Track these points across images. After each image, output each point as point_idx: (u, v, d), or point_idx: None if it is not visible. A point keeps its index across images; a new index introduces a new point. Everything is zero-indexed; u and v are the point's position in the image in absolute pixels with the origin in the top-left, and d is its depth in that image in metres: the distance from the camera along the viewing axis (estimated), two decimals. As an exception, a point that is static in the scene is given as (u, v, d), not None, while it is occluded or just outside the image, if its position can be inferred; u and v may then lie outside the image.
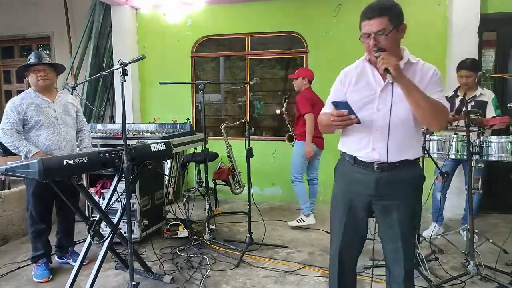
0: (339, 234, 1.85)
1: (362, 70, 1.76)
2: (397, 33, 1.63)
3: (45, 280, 2.78)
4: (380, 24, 1.59)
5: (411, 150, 1.72)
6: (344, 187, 1.86)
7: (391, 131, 1.65)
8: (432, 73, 1.66)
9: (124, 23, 5.26)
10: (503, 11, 4.19)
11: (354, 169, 1.78)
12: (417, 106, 1.58)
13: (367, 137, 1.72)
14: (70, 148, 2.91)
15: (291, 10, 4.83)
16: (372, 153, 1.70)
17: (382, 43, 1.61)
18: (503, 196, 4.24)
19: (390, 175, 1.69)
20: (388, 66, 1.54)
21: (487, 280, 2.64)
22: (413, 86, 1.57)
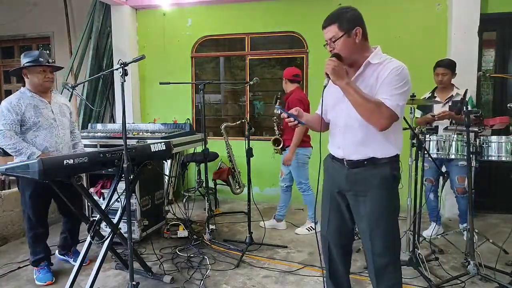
0: (324, 226, 2.01)
1: None
2: (349, 38, 1.72)
3: (48, 283, 2.76)
4: (331, 32, 1.74)
5: (378, 148, 1.77)
6: (326, 180, 2.02)
7: (349, 130, 1.79)
8: (389, 71, 1.68)
9: (124, 23, 5.26)
10: (503, 11, 4.19)
11: (332, 164, 1.94)
12: (354, 105, 1.68)
13: (335, 136, 1.89)
14: (67, 150, 2.89)
15: (291, 10, 4.83)
16: (338, 150, 1.87)
17: (335, 49, 1.74)
18: (503, 196, 4.24)
19: (357, 172, 1.80)
20: (325, 71, 1.68)
21: (487, 280, 2.64)
22: (350, 87, 1.66)
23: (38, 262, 2.83)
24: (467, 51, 3.91)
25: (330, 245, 2.00)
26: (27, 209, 2.77)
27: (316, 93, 5.11)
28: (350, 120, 1.77)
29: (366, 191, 1.79)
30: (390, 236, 1.81)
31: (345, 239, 2.01)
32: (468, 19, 4.12)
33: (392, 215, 1.82)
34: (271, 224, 3.93)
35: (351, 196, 1.86)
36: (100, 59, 5.58)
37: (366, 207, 1.79)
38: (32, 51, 2.80)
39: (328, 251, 2.01)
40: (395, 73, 1.67)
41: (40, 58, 2.69)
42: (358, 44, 1.74)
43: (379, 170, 1.78)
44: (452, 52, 4.15)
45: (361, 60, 1.76)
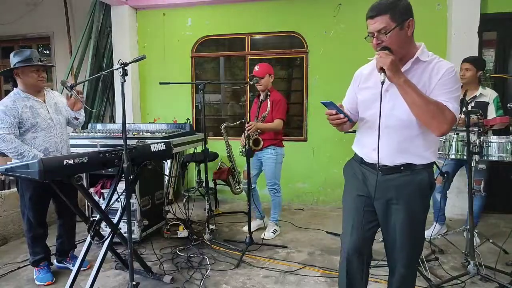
0: (347, 234, 1.81)
1: (373, 69, 1.73)
2: (402, 31, 1.56)
3: (48, 283, 2.76)
4: (381, 22, 1.55)
5: (416, 154, 1.65)
6: (351, 186, 1.85)
7: (388, 132, 1.63)
8: (443, 72, 1.57)
9: (124, 23, 5.26)
10: (503, 11, 4.19)
11: (360, 168, 1.79)
12: (412, 106, 1.54)
13: (369, 139, 1.69)
14: (66, 149, 2.87)
15: (291, 10, 4.83)
16: (372, 153, 1.66)
17: (385, 42, 1.56)
18: (503, 196, 4.24)
19: (394, 179, 1.66)
20: (383, 65, 1.51)
21: (487, 280, 2.64)
22: (409, 85, 1.52)
23: (38, 263, 2.82)
24: (467, 51, 3.91)
25: (352, 257, 1.78)
26: (26, 210, 2.75)
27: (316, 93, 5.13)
28: (391, 121, 1.63)
29: (400, 198, 1.67)
30: (418, 248, 1.77)
31: (367, 249, 1.84)
32: (468, 19, 4.11)
33: (424, 224, 1.74)
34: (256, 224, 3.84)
35: (381, 204, 1.72)
36: (100, 59, 5.58)
37: (399, 216, 1.67)
38: (23, 50, 2.67)
39: (347, 265, 1.78)
40: (450, 74, 1.57)
41: (33, 58, 2.62)
42: (409, 38, 1.62)
43: (416, 177, 1.66)
44: (452, 52, 4.15)
45: (407, 56, 1.63)
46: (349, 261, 1.77)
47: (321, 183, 4.94)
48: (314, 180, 4.94)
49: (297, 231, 3.90)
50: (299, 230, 3.91)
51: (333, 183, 4.82)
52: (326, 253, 3.28)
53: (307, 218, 4.34)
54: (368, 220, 1.77)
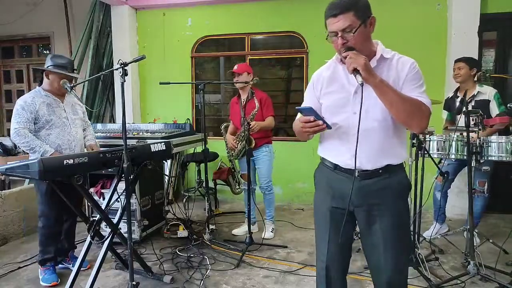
0: (323, 250, 1.68)
1: (334, 71, 1.64)
2: (366, 28, 1.50)
3: (54, 283, 2.74)
4: (346, 20, 1.46)
5: (394, 154, 1.59)
6: (324, 195, 1.70)
7: (367, 135, 1.53)
8: (409, 67, 1.52)
9: (124, 23, 5.26)
10: (503, 11, 4.19)
11: (334, 175, 1.65)
12: (391, 106, 1.46)
13: (346, 143, 1.58)
14: (79, 148, 2.90)
15: (291, 10, 4.84)
16: (351, 159, 1.54)
17: (350, 42, 1.48)
18: (503, 196, 4.24)
19: (374, 183, 1.57)
20: (356, 66, 1.41)
21: (487, 280, 2.63)
22: (385, 85, 1.45)
23: (45, 262, 2.81)
24: (467, 51, 3.91)
25: (330, 271, 1.68)
26: (42, 206, 2.76)
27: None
28: (368, 124, 1.53)
29: (382, 203, 1.58)
30: (405, 250, 1.68)
31: (346, 260, 1.74)
32: (468, 19, 4.11)
33: (408, 226, 1.69)
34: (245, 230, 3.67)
35: (361, 212, 1.61)
36: (100, 59, 5.58)
37: (382, 221, 1.58)
38: (63, 56, 2.92)
39: (327, 279, 1.69)
40: (415, 69, 1.53)
41: (68, 67, 2.78)
42: (370, 36, 1.55)
43: (395, 179, 1.60)
44: (452, 52, 4.15)
45: (370, 55, 1.54)
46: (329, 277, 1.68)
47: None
48: (314, 180, 4.92)
49: (297, 231, 3.90)
50: (299, 230, 3.91)
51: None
52: (326, 253, 3.27)
53: (307, 218, 4.34)
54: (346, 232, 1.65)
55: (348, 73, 1.52)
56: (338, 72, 1.62)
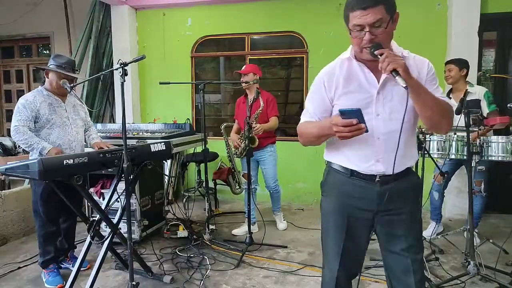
0: (335, 260, 1.59)
1: (350, 70, 1.51)
2: (393, 24, 1.41)
3: (59, 286, 2.73)
4: (377, 14, 1.34)
5: (412, 156, 1.55)
6: (338, 203, 1.59)
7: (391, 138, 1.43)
8: (427, 67, 1.48)
9: (124, 23, 5.26)
10: (503, 11, 4.19)
11: (350, 181, 1.54)
12: (425, 108, 1.39)
13: (369, 148, 1.47)
14: (80, 149, 2.90)
15: (291, 10, 4.83)
16: (376, 165, 1.47)
17: (379, 37, 1.37)
18: (503, 196, 4.24)
19: (394, 187, 1.47)
20: (396, 67, 1.30)
21: (487, 280, 2.64)
22: (422, 86, 1.38)
23: (47, 263, 2.80)
24: (467, 51, 3.91)
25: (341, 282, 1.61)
26: (38, 207, 2.76)
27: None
28: (392, 126, 1.43)
29: (402, 207, 1.51)
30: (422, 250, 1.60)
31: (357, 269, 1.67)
32: (468, 19, 4.11)
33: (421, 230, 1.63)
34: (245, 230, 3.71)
35: (382, 217, 1.52)
36: (100, 59, 5.58)
37: (403, 225, 1.52)
38: (63, 56, 2.90)
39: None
40: (432, 69, 1.47)
41: (65, 66, 2.77)
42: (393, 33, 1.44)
43: (412, 181, 1.55)
44: (452, 52, 4.14)
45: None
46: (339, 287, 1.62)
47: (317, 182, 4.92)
48: (314, 180, 4.88)
49: (297, 231, 3.90)
50: (299, 230, 3.91)
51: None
52: (326, 253, 3.27)
53: (307, 218, 4.34)
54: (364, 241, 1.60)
55: (366, 72, 1.47)
56: (355, 71, 1.50)
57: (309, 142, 1.60)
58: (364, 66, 1.48)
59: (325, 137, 1.52)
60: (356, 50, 1.46)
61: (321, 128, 1.49)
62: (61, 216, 2.95)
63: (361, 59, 1.48)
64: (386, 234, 1.55)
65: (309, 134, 1.57)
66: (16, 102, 2.72)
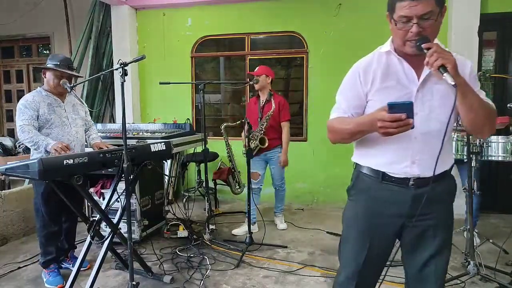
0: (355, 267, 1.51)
1: (388, 64, 1.41)
2: (441, 18, 1.32)
3: (59, 286, 2.73)
4: (428, 5, 1.25)
5: (449, 158, 1.46)
6: (366, 209, 1.50)
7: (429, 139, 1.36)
8: (470, 68, 1.39)
9: (124, 23, 5.26)
10: (503, 11, 4.19)
11: (381, 186, 1.45)
12: (471, 109, 1.30)
13: (405, 148, 1.39)
14: (80, 148, 2.90)
15: (291, 10, 4.83)
16: (411, 167, 1.39)
17: (427, 31, 1.28)
18: (503, 196, 4.24)
19: (431, 190, 1.36)
20: (446, 63, 1.21)
21: (487, 280, 2.64)
22: (469, 86, 1.29)
23: (48, 263, 2.80)
24: (467, 51, 3.91)
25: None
26: (40, 206, 2.76)
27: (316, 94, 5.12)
28: (431, 126, 1.36)
29: (435, 212, 1.43)
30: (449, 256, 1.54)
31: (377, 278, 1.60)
32: (468, 19, 4.11)
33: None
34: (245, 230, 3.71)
35: (413, 223, 1.42)
36: (100, 59, 5.58)
37: (437, 231, 1.45)
38: (59, 55, 2.91)
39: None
40: (474, 71, 1.40)
41: (61, 63, 2.77)
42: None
43: (449, 184, 1.47)
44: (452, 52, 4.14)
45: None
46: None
47: (321, 183, 4.94)
48: (314, 180, 4.94)
49: (297, 231, 3.90)
50: (299, 230, 3.91)
51: (333, 183, 4.82)
52: (326, 253, 3.28)
53: (307, 218, 4.34)
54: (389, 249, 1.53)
55: (405, 68, 1.39)
56: (394, 65, 1.41)
57: (341, 139, 1.50)
58: (404, 61, 1.39)
59: (361, 134, 1.42)
60: (398, 43, 1.37)
61: (358, 124, 1.39)
62: (62, 216, 2.95)
63: (401, 53, 1.39)
64: (415, 240, 1.47)
65: (343, 130, 1.45)
66: (16, 102, 2.73)
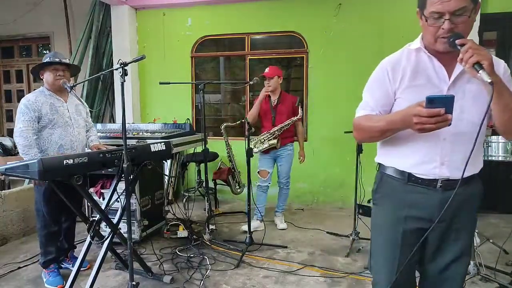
0: (389, 276, 1.47)
1: (418, 62, 1.37)
2: (475, 15, 1.27)
3: (59, 286, 2.72)
4: (461, 1, 1.21)
5: (479, 161, 1.41)
6: (393, 213, 1.46)
7: (460, 140, 1.32)
8: (503, 68, 1.34)
9: (124, 23, 5.26)
10: (503, 11, 4.19)
11: (407, 188, 1.41)
12: (506, 110, 1.25)
13: (433, 149, 1.35)
14: (82, 149, 2.89)
15: (291, 10, 4.83)
16: (440, 168, 1.35)
17: (459, 27, 1.24)
18: (503, 196, 4.24)
19: (460, 194, 1.29)
20: (481, 60, 1.15)
21: (487, 280, 2.63)
22: (505, 85, 1.24)
23: (48, 263, 2.80)
24: (467, 51, 3.92)
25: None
26: (41, 206, 2.76)
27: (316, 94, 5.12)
28: (462, 127, 1.31)
29: (461, 216, 1.40)
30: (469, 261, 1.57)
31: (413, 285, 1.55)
32: (468, 19, 4.11)
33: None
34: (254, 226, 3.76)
35: (440, 226, 1.38)
36: (100, 59, 5.58)
37: (460, 236, 1.42)
38: (49, 53, 2.87)
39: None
40: (508, 70, 1.35)
41: (50, 57, 2.75)
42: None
43: (476, 188, 1.43)
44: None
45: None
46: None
47: (321, 183, 4.94)
48: (314, 180, 4.94)
49: (297, 231, 3.90)
50: (299, 230, 3.91)
51: (333, 183, 4.83)
52: (326, 253, 3.28)
53: (307, 218, 4.34)
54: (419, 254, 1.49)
55: (436, 66, 1.34)
56: (424, 63, 1.36)
57: (369, 138, 1.47)
58: (434, 59, 1.35)
59: (391, 132, 1.37)
60: (429, 40, 1.32)
61: (390, 121, 1.34)
62: (62, 216, 2.96)
63: (432, 51, 1.34)
64: (437, 242, 1.44)
65: (373, 128, 1.40)
66: (16, 102, 2.72)
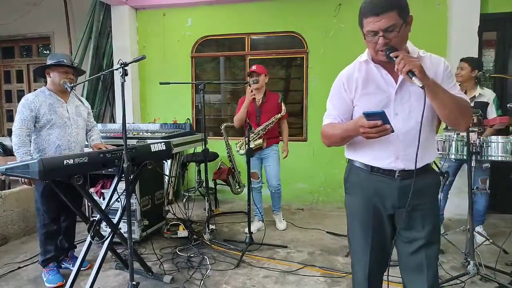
0: (365, 256, 1.64)
1: (368, 72, 1.57)
2: (407, 28, 1.45)
3: (59, 284, 2.73)
4: (390, 19, 1.39)
5: (431, 152, 1.60)
6: (363, 199, 1.63)
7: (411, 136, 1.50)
8: (444, 66, 1.52)
9: (124, 23, 5.26)
10: (503, 11, 4.19)
11: (372, 177, 1.60)
12: (443, 106, 1.43)
13: (388, 146, 1.53)
14: (79, 149, 2.89)
15: (291, 10, 4.84)
16: (395, 162, 1.53)
17: (393, 41, 1.42)
18: (503, 196, 4.24)
19: (411, 183, 1.49)
20: (412, 68, 1.34)
21: (487, 280, 2.64)
22: (438, 85, 1.42)
23: (47, 262, 2.81)
24: (467, 51, 3.91)
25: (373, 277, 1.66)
26: (40, 205, 2.76)
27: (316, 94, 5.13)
28: (411, 124, 1.50)
29: (421, 203, 1.55)
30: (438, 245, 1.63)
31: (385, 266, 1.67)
32: (468, 19, 4.11)
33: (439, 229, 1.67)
34: (257, 227, 3.85)
35: (402, 213, 1.54)
36: (100, 59, 5.58)
37: (424, 222, 1.56)
38: (58, 53, 2.92)
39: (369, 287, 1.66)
40: (448, 67, 1.53)
41: (63, 59, 2.77)
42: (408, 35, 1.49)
43: (431, 177, 1.60)
44: (452, 52, 4.15)
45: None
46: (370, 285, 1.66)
47: (321, 183, 4.94)
48: (314, 180, 4.94)
49: (297, 231, 3.90)
50: (299, 230, 3.91)
51: (333, 183, 4.83)
52: (326, 253, 3.28)
53: (307, 218, 4.34)
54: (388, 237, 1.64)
55: (383, 74, 1.53)
56: (373, 72, 1.56)
57: (334, 143, 1.66)
58: (381, 68, 1.54)
59: (349, 138, 1.59)
60: (371, 53, 1.53)
61: (345, 130, 1.55)
62: (61, 215, 2.96)
63: (378, 61, 1.53)
64: (404, 229, 1.58)
65: (334, 135, 1.62)
66: (16, 102, 2.73)
